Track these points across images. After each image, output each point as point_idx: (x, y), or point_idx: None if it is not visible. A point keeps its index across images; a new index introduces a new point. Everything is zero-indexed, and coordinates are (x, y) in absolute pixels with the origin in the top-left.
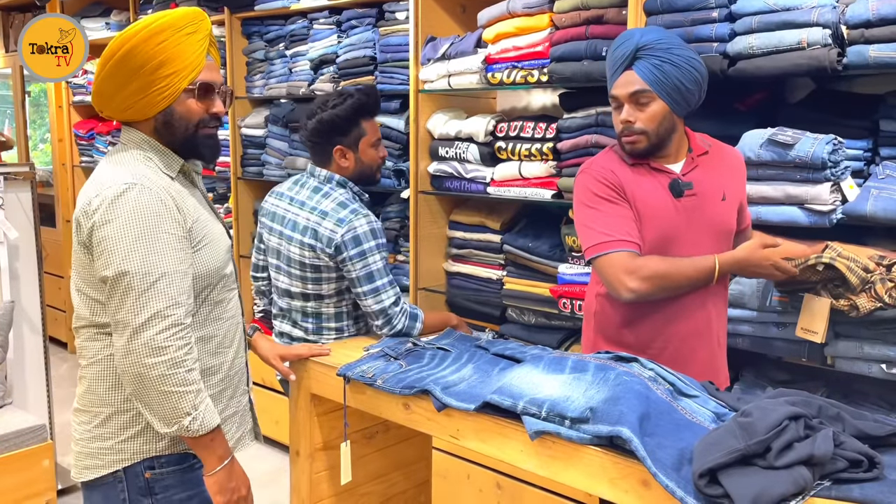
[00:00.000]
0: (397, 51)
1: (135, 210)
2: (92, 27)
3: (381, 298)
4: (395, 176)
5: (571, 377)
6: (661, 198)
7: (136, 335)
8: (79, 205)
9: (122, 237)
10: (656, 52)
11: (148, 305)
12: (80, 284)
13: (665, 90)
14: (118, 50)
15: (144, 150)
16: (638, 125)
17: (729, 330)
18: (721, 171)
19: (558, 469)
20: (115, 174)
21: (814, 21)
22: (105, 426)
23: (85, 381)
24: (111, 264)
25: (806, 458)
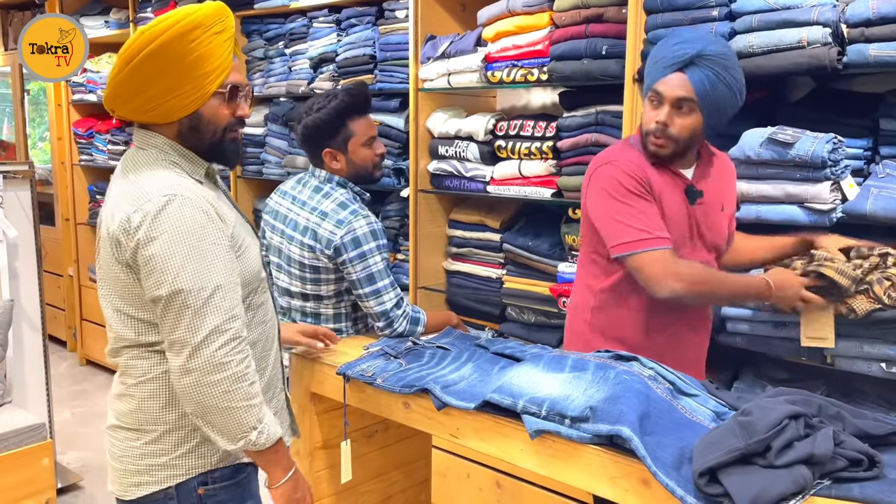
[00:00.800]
0: (397, 49)
1: (180, 223)
2: (91, 25)
3: (383, 300)
4: (395, 174)
5: (571, 376)
6: (678, 202)
7: (195, 353)
8: (115, 222)
9: (171, 254)
10: (716, 66)
11: (206, 321)
12: (119, 304)
13: (709, 106)
14: (144, 47)
15: (168, 154)
16: (672, 130)
17: (728, 328)
18: (721, 181)
19: (558, 468)
20: (149, 185)
21: (814, 20)
22: (158, 443)
23: (132, 399)
24: (163, 283)
25: (806, 457)
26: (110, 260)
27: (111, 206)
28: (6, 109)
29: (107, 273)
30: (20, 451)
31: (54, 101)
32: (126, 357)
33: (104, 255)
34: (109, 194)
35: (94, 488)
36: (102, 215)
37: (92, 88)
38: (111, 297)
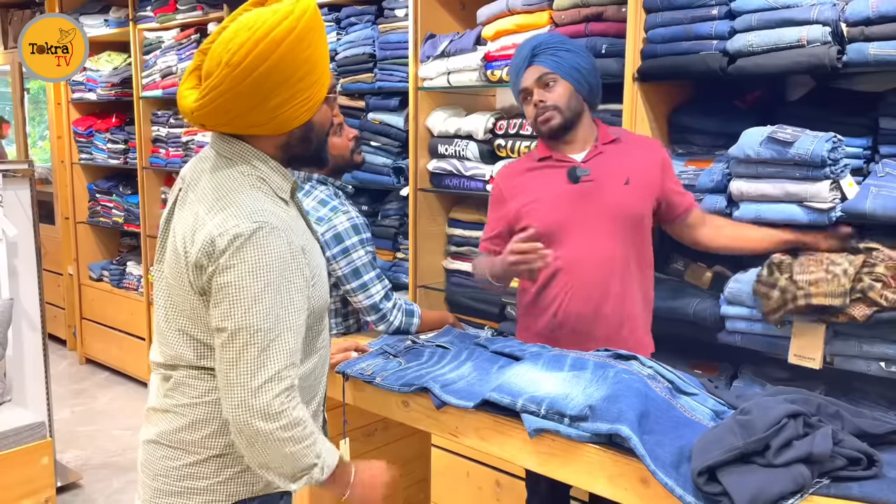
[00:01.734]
0: (397, 48)
1: (263, 255)
2: (91, 24)
3: (371, 293)
4: (395, 173)
5: (570, 375)
6: (555, 187)
7: (251, 399)
8: (197, 243)
9: (247, 286)
10: (551, 45)
11: (266, 366)
12: (184, 325)
13: (566, 72)
14: (268, 56)
15: (257, 168)
16: (550, 101)
17: (727, 327)
18: (629, 157)
19: (557, 467)
20: (238, 208)
21: (814, 19)
22: (201, 466)
23: (180, 418)
24: (232, 316)
25: (805, 456)
26: (182, 281)
27: (191, 222)
28: (6, 108)
29: (175, 291)
30: (20, 450)
31: (54, 100)
32: (182, 374)
33: (174, 272)
34: (190, 204)
35: (93, 487)
36: (178, 227)
37: (91, 87)
38: (175, 317)
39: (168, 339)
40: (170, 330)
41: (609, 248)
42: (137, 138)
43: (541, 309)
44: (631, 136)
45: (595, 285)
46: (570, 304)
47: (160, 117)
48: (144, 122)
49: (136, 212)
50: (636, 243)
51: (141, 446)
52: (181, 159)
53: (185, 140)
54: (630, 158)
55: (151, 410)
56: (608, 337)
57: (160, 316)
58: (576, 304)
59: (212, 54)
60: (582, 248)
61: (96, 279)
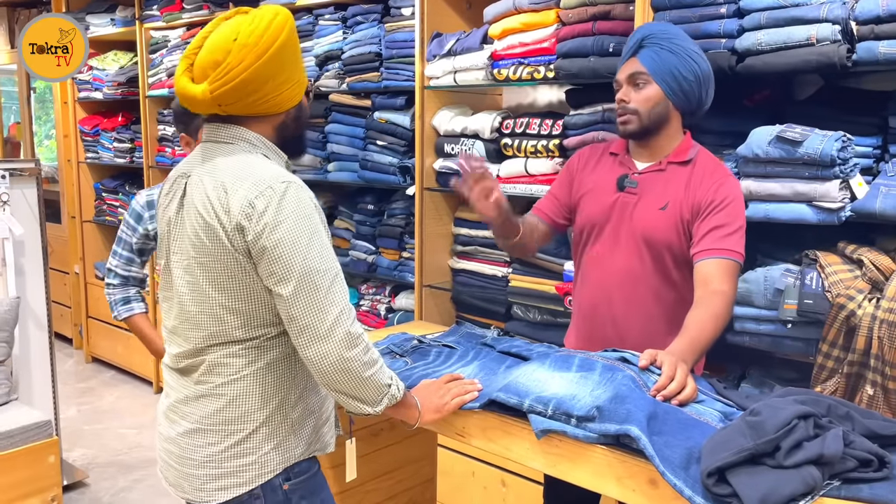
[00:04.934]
0: (403, 47)
1: (301, 208)
2: (97, 23)
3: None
4: (401, 172)
5: (578, 375)
6: (607, 187)
7: (331, 333)
8: (234, 208)
9: (298, 238)
10: (659, 40)
11: (335, 302)
12: (220, 297)
13: (660, 75)
14: (278, 35)
15: (258, 147)
16: (631, 105)
17: (735, 328)
18: (682, 184)
19: (565, 468)
20: (262, 172)
21: (823, 17)
22: (246, 442)
23: (218, 399)
24: (294, 266)
25: (815, 457)
26: (222, 252)
27: (216, 196)
28: (13, 107)
29: (206, 265)
30: (26, 448)
31: (60, 99)
32: (216, 355)
33: (204, 246)
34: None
35: (99, 485)
36: (199, 206)
37: (98, 86)
38: (208, 291)
39: (199, 322)
40: (202, 313)
41: (626, 263)
42: (143, 137)
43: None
44: (708, 163)
45: (606, 291)
46: (583, 302)
47: (166, 116)
48: (150, 120)
49: None
50: (661, 267)
51: (170, 443)
52: None
53: None
54: (682, 184)
55: (177, 405)
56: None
57: (186, 304)
58: (587, 305)
59: (213, 48)
60: (604, 254)
61: (102, 278)
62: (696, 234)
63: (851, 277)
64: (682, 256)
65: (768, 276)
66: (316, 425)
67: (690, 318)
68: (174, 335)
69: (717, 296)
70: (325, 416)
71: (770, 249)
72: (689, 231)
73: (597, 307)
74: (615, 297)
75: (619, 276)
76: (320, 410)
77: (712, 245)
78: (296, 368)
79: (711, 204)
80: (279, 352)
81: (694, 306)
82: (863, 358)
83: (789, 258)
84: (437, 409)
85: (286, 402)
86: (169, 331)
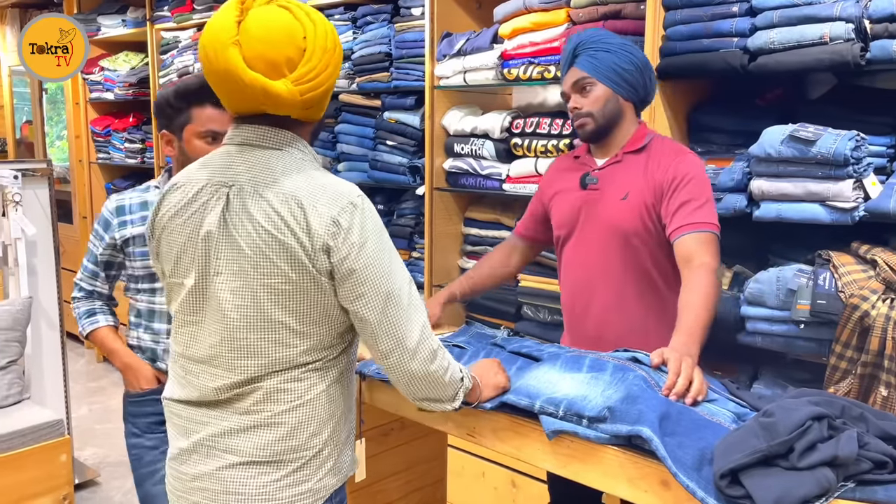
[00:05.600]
0: (412, 47)
1: (377, 223)
2: (108, 24)
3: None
4: (411, 172)
5: (589, 376)
6: (572, 189)
7: (417, 351)
8: (316, 227)
9: (381, 256)
10: (592, 43)
11: (415, 316)
12: (288, 320)
13: (603, 73)
14: (336, 39)
15: (306, 154)
16: (584, 109)
17: (748, 328)
18: (641, 169)
19: (577, 469)
20: (335, 186)
21: (836, 15)
22: (303, 470)
23: (279, 427)
24: (380, 288)
25: (830, 459)
26: (293, 270)
27: (288, 212)
28: (24, 108)
29: (275, 286)
30: (38, 447)
31: (72, 100)
32: (274, 382)
33: (274, 266)
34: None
35: (110, 484)
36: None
37: (109, 87)
38: (274, 314)
39: (258, 350)
40: (264, 339)
41: (598, 257)
42: (154, 138)
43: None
44: (662, 146)
45: (583, 288)
46: (565, 304)
47: None
48: None
49: None
50: (633, 256)
51: (204, 480)
52: None
53: None
54: (640, 171)
55: (216, 439)
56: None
57: (236, 330)
58: (569, 303)
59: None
60: (576, 253)
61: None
62: (666, 214)
63: (865, 278)
64: (652, 242)
65: (781, 277)
66: (352, 441)
67: (682, 307)
68: (208, 365)
69: (701, 271)
70: (354, 429)
71: (782, 249)
72: (656, 215)
73: (576, 304)
74: (592, 294)
75: (592, 271)
76: (353, 427)
77: (685, 221)
78: (348, 387)
79: (674, 181)
80: (337, 371)
81: (682, 290)
82: (877, 359)
83: (802, 258)
84: (494, 386)
85: (339, 422)
86: (197, 361)
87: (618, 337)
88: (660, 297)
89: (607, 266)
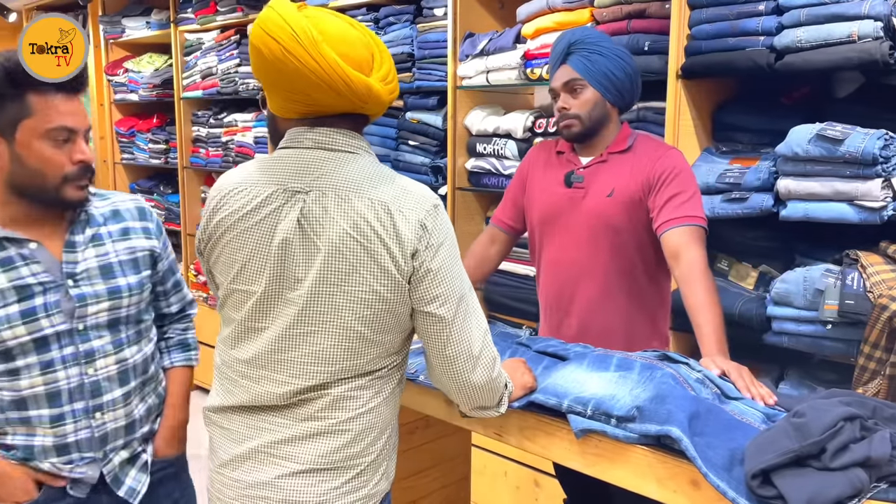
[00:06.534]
0: (435, 47)
1: (450, 224)
2: (133, 26)
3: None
4: (433, 172)
5: (617, 375)
6: (555, 185)
7: (481, 356)
8: (404, 231)
9: (454, 257)
10: (587, 44)
11: (480, 321)
12: (361, 328)
13: (595, 78)
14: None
15: (372, 156)
16: (572, 110)
17: (774, 328)
18: (627, 168)
19: (605, 468)
20: (415, 189)
21: (865, 13)
22: (362, 476)
23: (344, 434)
24: (454, 288)
25: (862, 459)
26: (377, 278)
27: (374, 216)
28: None
29: (355, 294)
30: None
31: (96, 101)
32: (342, 389)
33: (357, 274)
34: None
35: None
36: (340, 225)
37: (133, 88)
38: (350, 322)
39: (330, 356)
40: (337, 346)
41: (584, 253)
42: (178, 138)
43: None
44: (647, 145)
45: (567, 284)
46: (547, 299)
47: (200, 118)
48: (185, 122)
49: (176, 211)
50: (619, 253)
51: (264, 489)
52: (221, 159)
53: (224, 140)
54: (625, 170)
55: (277, 446)
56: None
57: (309, 335)
58: (553, 298)
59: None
60: (560, 249)
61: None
62: (654, 209)
63: (894, 277)
64: (638, 237)
65: (808, 277)
66: (397, 445)
67: (695, 309)
68: (272, 371)
69: (694, 269)
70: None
71: (809, 249)
72: (644, 209)
73: (561, 300)
74: (576, 289)
75: (578, 267)
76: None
77: (672, 215)
78: (400, 394)
79: (661, 177)
80: (398, 378)
81: (686, 290)
82: None
83: (829, 258)
84: (522, 385)
85: (394, 428)
86: (260, 367)
87: (601, 331)
88: (642, 290)
89: (593, 262)
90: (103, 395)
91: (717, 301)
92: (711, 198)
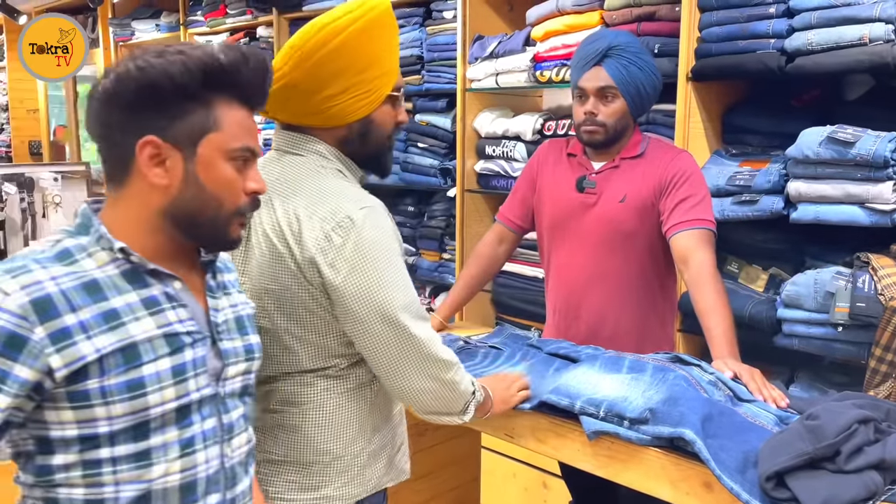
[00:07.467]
0: (444, 50)
1: (380, 240)
2: (142, 28)
3: None
4: (442, 174)
5: (629, 377)
6: (566, 188)
7: (433, 358)
8: (308, 240)
9: (381, 275)
10: (627, 53)
11: (420, 336)
12: (293, 328)
13: (628, 90)
14: (326, 43)
15: (331, 161)
16: (600, 118)
17: (784, 330)
18: (638, 174)
19: (617, 470)
20: (339, 197)
21: (876, 16)
22: (323, 474)
23: (294, 429)
24: (374, 310)
25: (877, 462)
26: (289, 280)
27: (287, 221)
28: (54, 110)
29: (276, 293)
30: None
31: None
32: (289, 384)
33: (275, 273)
34: (268, 203)
35: None
36: (263, 226)
37: None
38: (278, 319)
39: (268, 352)
40: (272, 343)
41: (594, 259)
42: None
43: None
44: (658, 149)
45: (576, 290)
46: (556, 302)
47: None
48: None
49: None
50: (630, 257)
51: None
52: None
53: None
54: (637, 175)
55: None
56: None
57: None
58: (562, 301)
59: None
60: (570, 254)
61: None
62: (664, 211)
63: None
64: (649, 243)
65: (819, 279)
66: (390, 454)
67: (705, 312)
68: None
69: (704, 272)
70: (399, 443)
71: (819, 252)
72: (655, 213)
73: (569, 304)
74: (586, 294)
75: (587, 272)
76: (394, 440)
77: (682, 218)
78: (374, 400)
79: (671, 180)
80: (355, 382)
81: (695, 297)
82: None
83: (840, 261)
84: (504, 400)
85: (361, 433)
86: None
87: (610, 336)
88: (652, 294)
89: (604, 267)
90: (237, 485)
91: (727, 304)
92: (721, 200)
